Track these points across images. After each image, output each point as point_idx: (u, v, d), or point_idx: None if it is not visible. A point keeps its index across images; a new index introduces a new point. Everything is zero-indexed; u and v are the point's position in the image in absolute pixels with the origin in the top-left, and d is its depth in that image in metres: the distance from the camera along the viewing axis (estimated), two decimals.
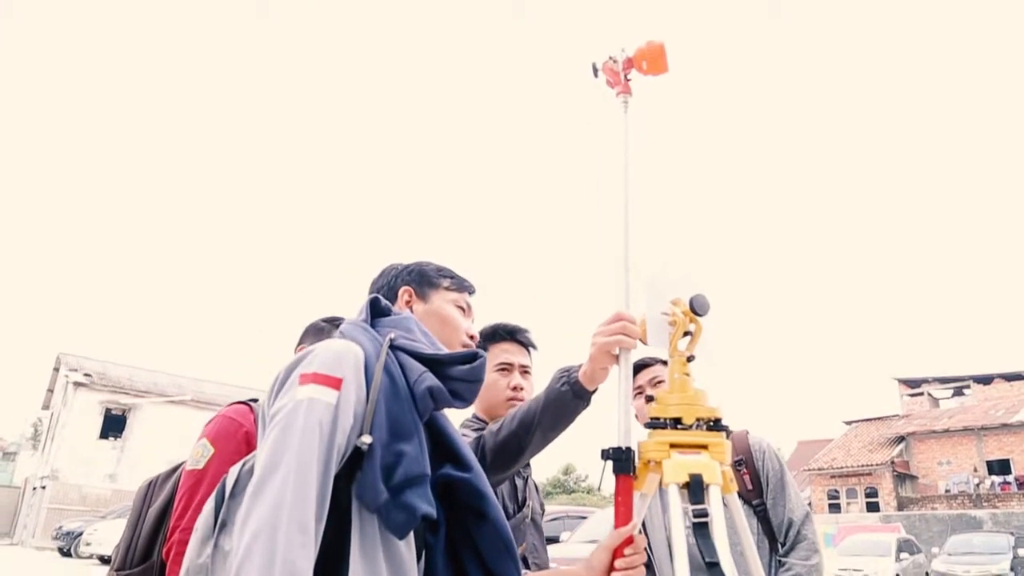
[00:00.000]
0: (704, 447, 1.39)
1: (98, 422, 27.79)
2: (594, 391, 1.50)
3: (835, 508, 30.18)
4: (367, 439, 1.09)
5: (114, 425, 28.32)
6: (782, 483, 2.22)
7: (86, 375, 27.75)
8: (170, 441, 28.48)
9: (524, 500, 1.92)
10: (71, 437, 27.00)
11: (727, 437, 2.34)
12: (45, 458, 28.42)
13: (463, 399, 1.26)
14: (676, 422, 1.41)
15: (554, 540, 9.78)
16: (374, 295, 1.40)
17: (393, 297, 1.53)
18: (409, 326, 1.33)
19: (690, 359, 1.47)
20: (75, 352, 30.90)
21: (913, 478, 30.38)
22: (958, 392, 35.45)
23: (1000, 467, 28.66)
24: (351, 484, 1.10)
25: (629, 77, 1.74)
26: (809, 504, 31.23)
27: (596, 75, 1.78)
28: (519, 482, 1.94)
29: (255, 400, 1.89)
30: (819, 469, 31.52)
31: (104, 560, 18.08)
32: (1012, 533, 19.46)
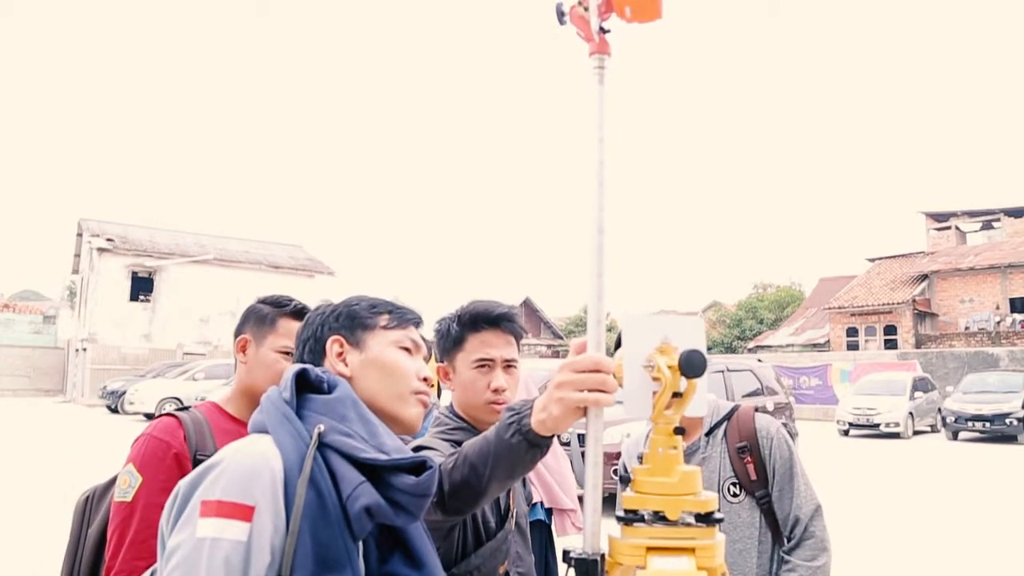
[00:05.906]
0: (691, 551, 1.12)
1: (126, 285, 28.64)
2: (552, 436, 1.22)
3: (853, 346, 30.71)
4: None
5: (143, 287, 29.20)
6: (790, 474, 2.00)
7: (108, 240, 28.18)
8: (198, 299, 29.47)
9: (507, 508, 1.70)
10: (103, 300, 27.99)
11: (726, 430, 2.12)
12: (82, 321, 29.60)
13: (409, 514, 1.04)
14: (656, 516, 1.13)
15: None
16: (301, 367, 1.13)
17: (322, 352, 1.25)
18: (344, 411, 1.09)
19: (678, 431, 1.16)
20: (96, 216, 31.26)
21: (933, 316, 30.53)
22: (987, 226, 34.72)
23: (1023, 305, 28.58)
24: None
25: (607, 28, 1.28)
26: (827, 342, 31.87)
27: (562, 21, 1.31)
28: None
29: (185, 409, 1.76)
30: (839, 307, 31.72)
31: (148, 416, 19.21)
32: None
